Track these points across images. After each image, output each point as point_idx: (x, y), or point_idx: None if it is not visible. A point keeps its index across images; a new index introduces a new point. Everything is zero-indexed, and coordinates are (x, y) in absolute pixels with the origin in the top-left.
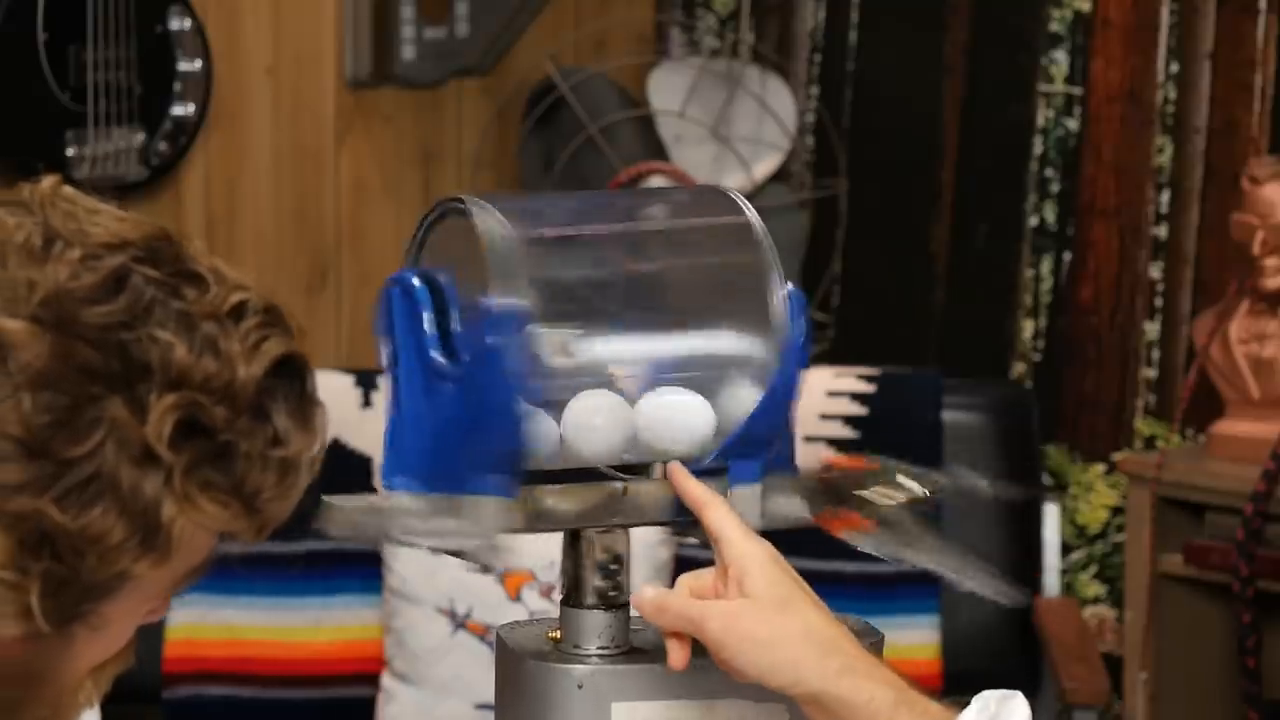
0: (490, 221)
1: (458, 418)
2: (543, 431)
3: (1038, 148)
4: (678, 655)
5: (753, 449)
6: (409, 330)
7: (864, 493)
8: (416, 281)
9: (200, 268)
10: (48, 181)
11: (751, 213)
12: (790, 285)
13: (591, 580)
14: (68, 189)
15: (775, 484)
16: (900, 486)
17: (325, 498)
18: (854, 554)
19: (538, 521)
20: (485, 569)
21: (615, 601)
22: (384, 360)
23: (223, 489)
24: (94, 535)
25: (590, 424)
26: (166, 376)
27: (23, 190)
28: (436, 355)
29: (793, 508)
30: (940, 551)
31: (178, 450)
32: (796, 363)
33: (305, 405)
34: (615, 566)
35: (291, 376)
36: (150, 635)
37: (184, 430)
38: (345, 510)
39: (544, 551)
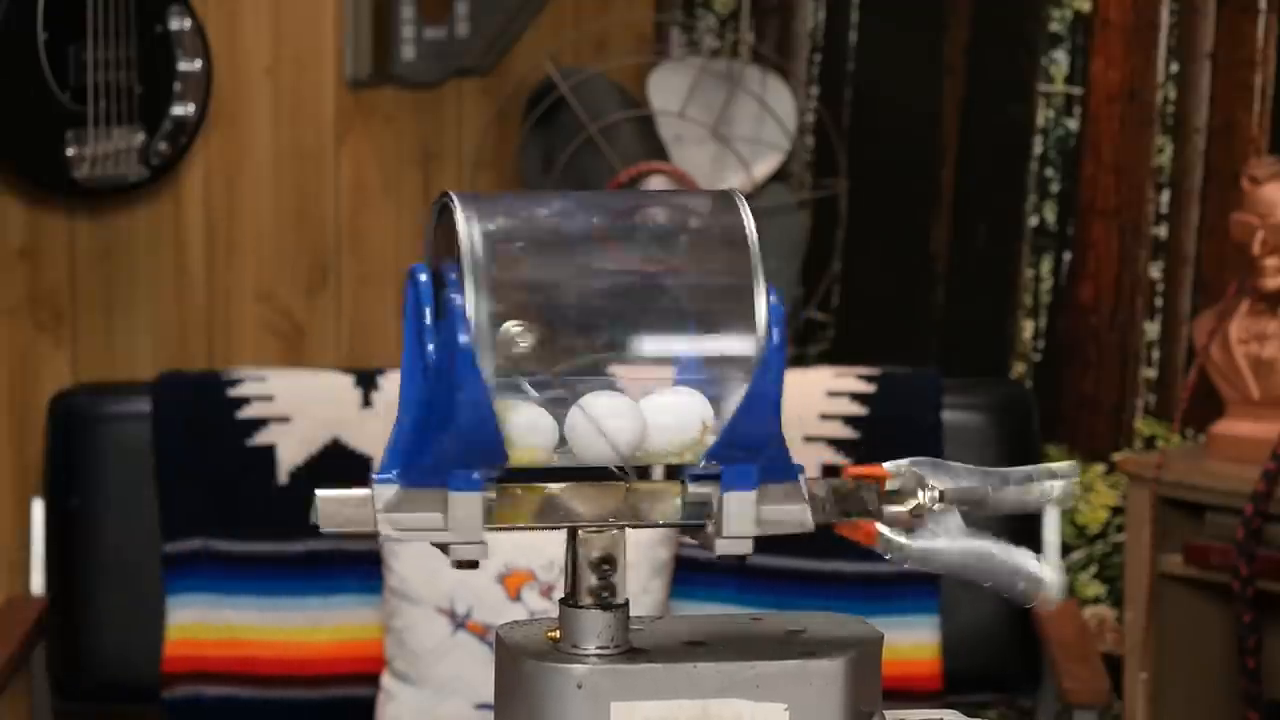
0: (471, 218)
1: (432, 413)
2: (544, 430)
3: (1038, 148)
4: None
5: (743, 454)
6: (413, 323)
7: (886, 505)
8: (423, 276)
9: None
10: None
11: (746, 215)
12: (773, 289)
13: (586, 580)
14: None
15: (773, 492)
16: (917, 493)
17: (317, 491)
18: (854, 554)
19: (541, 518)
20: (470, 564)
21: (609, 603)
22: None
23: None
24: None
25: (602, 424)
26: None
27: None
28: (431, 349)
29: (793, 515)
30: (970, 550)
31: None
32: (776, 366)
33: None
34: (608, 567)
35: None
36: (150, 635)
37: None
38: (333, 503)
39: (544, 551)
